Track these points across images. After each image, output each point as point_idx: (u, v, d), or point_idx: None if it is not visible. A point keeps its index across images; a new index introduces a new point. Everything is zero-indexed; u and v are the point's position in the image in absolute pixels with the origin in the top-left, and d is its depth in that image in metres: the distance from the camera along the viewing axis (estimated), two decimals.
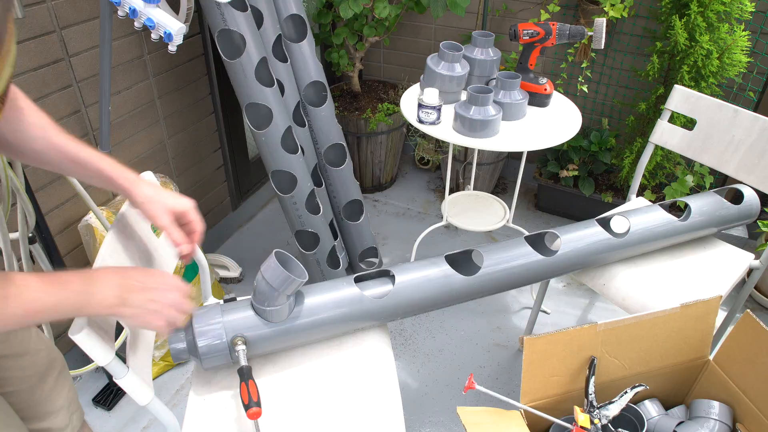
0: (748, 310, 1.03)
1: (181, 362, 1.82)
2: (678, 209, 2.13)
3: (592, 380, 1.02)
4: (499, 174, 2.71)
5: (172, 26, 1.38)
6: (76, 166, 0.87)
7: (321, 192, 1.99)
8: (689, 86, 1.94)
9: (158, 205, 0.89)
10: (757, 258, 1.51)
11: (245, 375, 0.96)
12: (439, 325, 2.01)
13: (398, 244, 2.41)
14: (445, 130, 1.59)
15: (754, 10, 1.93)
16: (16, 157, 0.87)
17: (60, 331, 1.64)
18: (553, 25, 1.63)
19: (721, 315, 1.79)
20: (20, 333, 0.97)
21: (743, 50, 1.92)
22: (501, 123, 1.60)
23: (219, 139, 2.20)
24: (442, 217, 2.11)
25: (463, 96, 1.74)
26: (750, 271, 1.53)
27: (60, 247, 1.54)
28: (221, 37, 1.59)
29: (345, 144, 1.98)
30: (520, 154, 2.67)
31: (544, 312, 2.06)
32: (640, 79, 2.25)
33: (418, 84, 1.80)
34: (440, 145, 2.74)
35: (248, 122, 1.69)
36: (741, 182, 1.52)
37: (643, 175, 2.08)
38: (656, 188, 2.36)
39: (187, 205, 0.93)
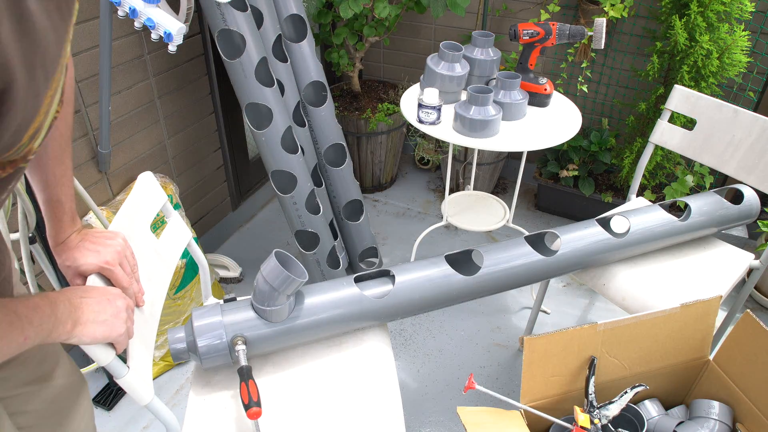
0: (748, 310, 1.03)
1: (181, 362, 1.82)
2: (678, 209, 2.13)
3: (592, 380, 1.02)
4: (499, 174, 2.71)
5: (172, 26, 1.38)
6: (41, 193, 0.81)
7: (321, 192, 1.99)
8: (689, 86, 1.94)
9: (69, 270, 0.85)
10: (757, 258, 1.51)
11: (245, 375, 0.96)
12: (439, 325, 2.01)
13: (398, 244, 2.41)
14: (445, 130, 1.59)
15: (754, 10, 1.93)
16: None
17: None
18: (553, 25, 1.63)
19: (721, 315, 1.79)
20: (39, 353, 0.88)
21: (743, 50, 1.92)
22: (501, 123, 1.60)
23: (219, 139, 2.20)
24: (442, 217, 2.11)
25: (463, 96, 1.74)
26: (750, 271, 1.53)
27: None
28: (221, 37, 1.59)
29: (345, 144, 1.98)
30: (520, 154, 2.67)
31: (544, 312, 2.06)
32: (640, 79, 2.25)
33: (418, 84, 1.80)
34: (440, 145, 2.74)
35: (248, 122, 1.69)
36: (741, 182, 1.53)
37: (643, 175, 2.08)
38: (656, 188, 2.36)
39: (97, 264, 0.84)
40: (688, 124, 2.00)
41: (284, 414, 1.04)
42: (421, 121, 1.62)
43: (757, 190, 1.50)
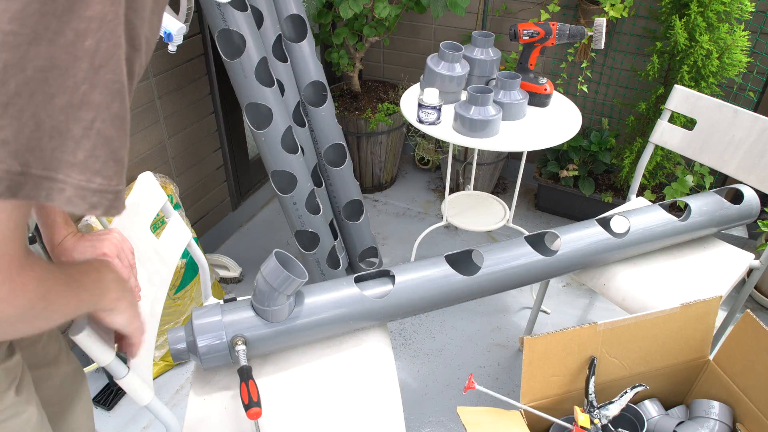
0: (748, 310, 1.03)
1: (181, 362, 1.82)
2: (678, 209, 2.13)
3: (592, 380, 1.02)
4: (499, 174, 2.71)
5: (172, 26, 1.38)
6: None
7: (321, 192, 1.99)
8: (689, 86, 1.94)
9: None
10: (757, 258, 1.51)
11: (245, 375, 0.96)
12: (439, 325, 2.01)
13: (398, 244, 2.41)
14: (445, 130, 1.59)
15: (754, 10, 1.93)
16: None
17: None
18: (553, 25, 1.63)
19: (721, 315, 1.79)
20: (44, 336, 0.88)
21: (743, 50, 1.92)
22: (501, 123, 1.60)
23: (219, 139, 2.20)
24: (442, 217, 2.11)
25: (463, 96, 1.74)
26: (750, 271, 1.53)
27: None
28: (221, 37, 1.59)
29: (345, 144, 1.98)
30: (520, 154, 2.67)
31: (544, 312, 2.06)
32: (640, 79, 2.25)
33: (418, 84, 1.80)
34: (440, 145, 2.74)
35: (248, 122, 1.69)
36: (741, 182, 1.53)
37: (643, 175, 2.08)
38: (656, 188, 2.36)
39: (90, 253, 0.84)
40: (688, 124, 2.00)
41: (284, 414, 1.04)
42: (421, 121, 1.62)
43: (757, 190, 1.50)
